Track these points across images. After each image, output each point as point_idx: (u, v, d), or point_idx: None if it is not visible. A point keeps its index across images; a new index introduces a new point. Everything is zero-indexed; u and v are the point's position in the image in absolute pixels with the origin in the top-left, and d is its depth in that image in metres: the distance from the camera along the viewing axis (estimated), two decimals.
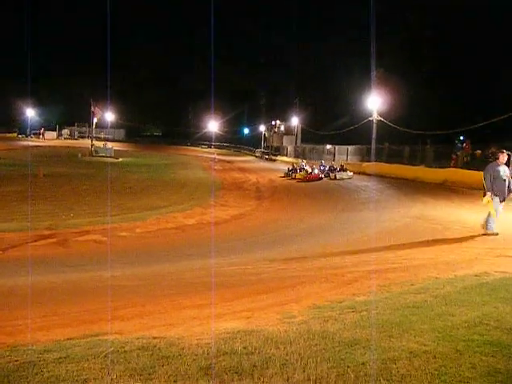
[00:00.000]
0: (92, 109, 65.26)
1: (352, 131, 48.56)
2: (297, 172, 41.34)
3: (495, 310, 7.01)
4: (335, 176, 39.35)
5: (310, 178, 38.87)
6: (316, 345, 5.71)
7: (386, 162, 40.69)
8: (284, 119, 74.03)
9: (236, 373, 4.92)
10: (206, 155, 67.22)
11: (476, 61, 53.57)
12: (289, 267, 12.28)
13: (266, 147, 75.99)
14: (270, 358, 5.32)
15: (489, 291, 8.16)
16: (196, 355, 5.37)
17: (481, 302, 7.52)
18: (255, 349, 5.56)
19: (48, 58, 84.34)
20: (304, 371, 4.98)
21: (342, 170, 40.42)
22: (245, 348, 5.56)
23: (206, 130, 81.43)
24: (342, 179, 38.32)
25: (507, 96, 39.91)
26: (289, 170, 42.99)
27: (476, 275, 9.44)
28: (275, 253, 14.61)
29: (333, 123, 57.26)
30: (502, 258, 11.52)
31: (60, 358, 5.26)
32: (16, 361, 5.22)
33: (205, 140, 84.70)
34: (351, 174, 39.71)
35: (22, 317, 7.27)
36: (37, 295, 9.37)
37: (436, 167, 35.94)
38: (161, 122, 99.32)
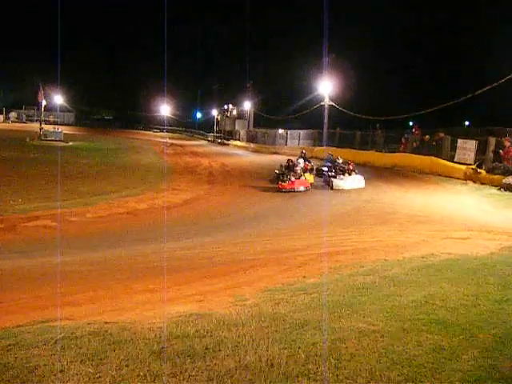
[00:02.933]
0: (39, 91, 63.46)
1: (305, 116, 48.87)
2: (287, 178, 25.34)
3: (441, 290, 7.25)
4: (332, 184, 25.65)
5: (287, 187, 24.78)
6: (267, 327, 5.79)
7: (338, 146, 41.20)
8: (237, 103, 73.86)
9: (188, 356, 4.95)
10: (158, 139, 66.54)
11: (426, 46, 54.60)
12: (241, 251, 12.36)
13: (219, 131, 75.74)
14: (222, 340, 5.37)
15: (435, 272, 8.42)
16: (148, 339, 5.37)
17: (427, 282, 7.76)
18: (207, 332, 5.60)
19: None
20: (256, 353, 5.05)
21: (346, 171, 26.53)
22: (197, 331, 5.59)
23: (158, 114, 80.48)
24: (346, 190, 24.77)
25: (454, 82, 40.87)
26: (279, 174, 26.67)
27: (423, 257, 9.72)
28: (227, 236, 14.66)
29: (285, 108, 57.49)
30: (448, 240, 11.89)
31: (9, 345, 5.18)
32: None
33: (157, 124, 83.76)
34: (361, 178, 26.14)
35: None
36: None
37: (386, 152, 36.63)
38: (112, 106, 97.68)
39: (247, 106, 69.25)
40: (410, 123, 44.24)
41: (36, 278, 9.61)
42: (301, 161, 28.30)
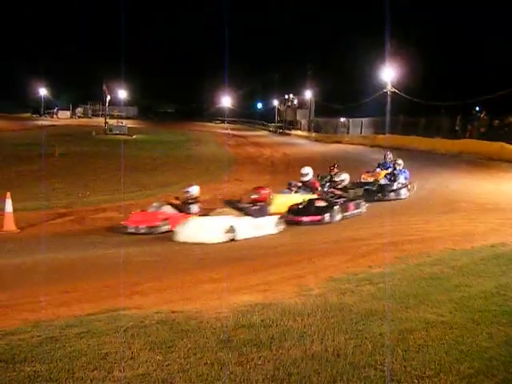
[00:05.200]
0: (104, 87, 65.18)
1: (367, 104, 48.16)
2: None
3: None
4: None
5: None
6: (333, 317, 5.76)
7: (401, 134, 40.36)
8: (297, 93, 73.52)
9: (254, 345, 4.98)
10: (219, 131, 67.10)
11: (493, 29, 52.73)
12: (305, 240, 12.33)
13: (280, 121, 75.64)
14: (287, 330, 5.38)
15: (506, 262, 8.14)
16: (214, 328, 5.44)
17: (498, 272, 7.52)
18: (273, 321, 5.62)
19: (61, 37, 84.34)
20: (322, 343, 5.03)
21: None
22: (262, 321, 5.62)
23: (219, 106, 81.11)
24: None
25: None
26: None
27: (492, 246, 9.41)
28: (290, 225, 14.64)
29: (347, 96, 56.74)
30: None
31: (81, 332, 5.37)
32: (39, 336, 5.33)
33: (218, 115, 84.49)
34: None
35: (43, 293, 7.40)
36: (56, 272, 9.51)
37: (452, 138, 35.60)
38: (174, 99, 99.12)
39: (308, 95, 68.83)
40: (477, 108, 42.82)
41: (105, 268, 9.89)
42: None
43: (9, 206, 13.40)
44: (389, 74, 42.37)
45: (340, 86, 62.51)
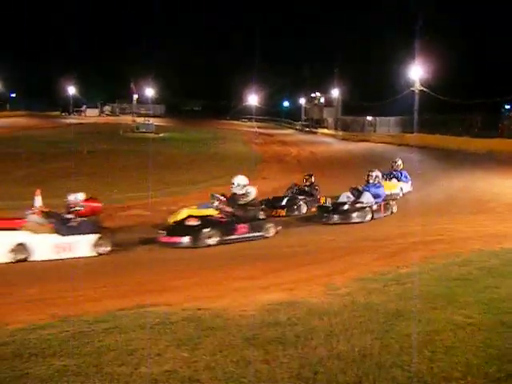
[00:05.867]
0: (131, 85, 65.72)
1: (394, 102, 47.71)
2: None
3: None
4: None
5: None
6: (360, 316, 5.73)
7: (429, 132, 39.92)
8: (324, 91, 73.21)
9: (280, 343, 4.99)
10: (246, 129, 67.16)
11: None
12: (334, 239, 12.29)
13: (306, 120, 75.43)
14: (313, 328, 5.37)
15: None
16: (240, 326, 5.46)
17: None
18: (299, 320, 5.62)
19: (88, 37, 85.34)
20: (348, 342, 5.01)
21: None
22: (288, 319, 5.63)
23: (245, 104, 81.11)
24: None
25: None
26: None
27: None
28: (318, 224, 14.61)
29: (374, 94, 56.30)
30: None
31: (109, 328, 5.44)
32: (68, 331, 5.42)
33: (245, 114, 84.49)
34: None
35: (75, 289, 7.52)
36: (87, 269, 9.67)
37: (481, 137, 35.08)
38: (200, 97, 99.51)
39: (335, 93, 68.50)
40: (507, 106, 42.15)
41: (136, 264, 10.00)
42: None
43: (39, 202, 13.55)
44: (417, 72, 41.91)
45: (367, 85, 62.02)
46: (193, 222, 11.93)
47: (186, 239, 11.66)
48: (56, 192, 19.65)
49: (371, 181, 15.43)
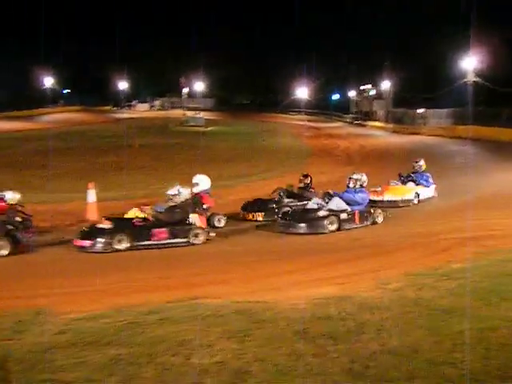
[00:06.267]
0: (181, 80, 66.32)
1: (446, 94, 46.66)
2: None
3: None
4: None
5: None
6: (411, 312, 5.67)
7: (483, 125, 38.88)
8: (374, 83, 72.27)
9: (331, 337, 4.98)
10: (294, 122, 66.96)
11: None
12: (384, 233, 12.16)
13: (356, 112, 74.64)
14: (364, 323, 5.35)
15: None
16: (291, 319, 5.48)
17: None
18: (349, 314, 5.60)
19: (139, 31, 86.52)
20: (399, 337, 4.97)
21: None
22: (339, 313, 5.62)
23: (294, 97, 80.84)
24: None
25: None
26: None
27: None
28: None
29: (426, 86, 55.20)
30: None
31: (161, 319, 5.56)
32: (121, 321, 5.57)
33: (293, 107, 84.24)
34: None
35: (126, 280, 7.71)
36: (145, 260, 9.86)
37: None
38: (250, 91, 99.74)
39: (385, 85, 67.50)
40: None
41: (182, 257, 10.13)
42: None
43: (92, 196, 13.89)
44: (470, 62, 40.88)
45: (418, 77, 60.83)
46: (104, 225, 10.92)
47: (88, 243, 10.62)
48: (108, 186, 20.14)
49: (351, 185, 13.37)
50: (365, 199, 13.25)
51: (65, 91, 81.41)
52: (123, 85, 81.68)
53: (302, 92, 74.90)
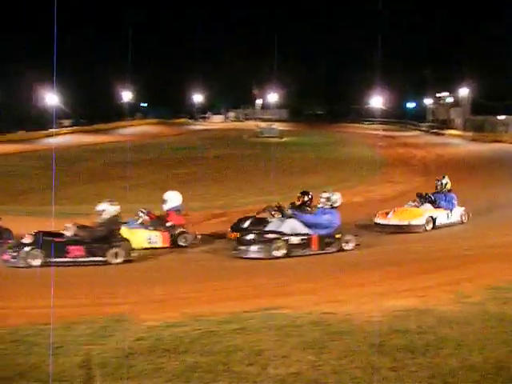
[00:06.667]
0: (254, 91, 66.97)
1: None
2: None
3: None
4: None
5: None
6: (493, 327, 5.47)
7: None
8: (451, 91, 70.47)
9: (409, 351, 4.87)
10: (368, 131, 66.14)
11: None
12: (458, 245, 11.80)
13: (432, 121, 72.96)
14: (444, 338, 5.20)
15: None
16: (367, 332, 5.40)
17: None
18: (429, 328, 5.46)
19: (213, 44, 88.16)
20: (481, 353, 4.80)
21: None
22: (418, 327, 5.49)
23: (368, 106, 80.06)
24: None
25: None
26: None
27: None
28: (443, 230, 14.08)
29: (506, 93, 53.28)
30: None
31: (238, 328, 5.61)
32: (198, 329, 5.66)
33: (367, 116, 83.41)
34: None
35: (197, 290, 7.85)
36: (208, 271, 10.00)
37: None
38: (323, 101, 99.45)
39: (463, 92, 65.66)
40: None
41: (249, 268, 10.17)
42: None
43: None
44: None
45: (498, 83, 58.78)
46: (25, 240, 10.47)
47: (7, 257, 10.31)
48: (183, 196, 20.58)
49: (320, 205, 11.90)
50: (332, 222, 11.51)
51: (142, 105, 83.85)
52: (198, 97, 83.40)
53: (376, 101, 74.09)
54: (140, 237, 12.01)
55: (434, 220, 13.84)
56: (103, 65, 63.56)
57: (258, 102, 79.48)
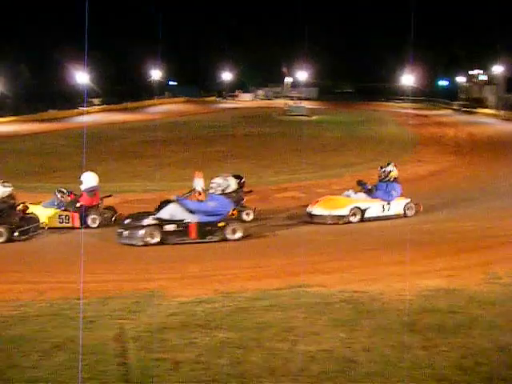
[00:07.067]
0: (283, 69, 66.43)
1: None
2: None
3: None
4: None
5: None
6: None
7: None
8: (484, 68, 68.99)
9: (440, 331, 4.88)
10: (399, 110, 65.26)
11: None
12: (492, 226, 11.65)
13: (464, 99, 71.66)
14: (475, 318, 5.18)
15: None
16: (398, 311, 5.41)
17: None
18: (459, 308, 5.45)
19: (241, 22, 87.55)
20: None
21: None
22: (449, 306, 5.48)
23: (398, 84, 78.90)
24: None
25: None
26: None
27: None
28: (477, 210, 13.92)
29: None
30: None
31: (269, 305, 5.67)
32: (229, 306, 5.74)
33: (398, 95, 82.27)
34: None
35: (233, 267, 7.91)
36: (246, 248, 10.06)
37: None
38: (353, 79, 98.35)
39: (497, 69, 64.24)
40: None
41: (288, 245, 10.21)
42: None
43: (200, 184, 14.04)
44: None
45: None
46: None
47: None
48: (213, 174, 20.66)
49: (211, 190, 11.22)
50: (218, 209, 10.63)
51: (170, 83, 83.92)
52: (227, 75, 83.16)
53: (408, 79, 72.97)
54: (52, 217, 12.19)
55: (362, 211, 12.37)
56: (133, 43, 63.74)
57: (288, 80, 78.83)
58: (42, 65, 55.07)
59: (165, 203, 11.03)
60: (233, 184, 11.29)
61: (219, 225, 10.43)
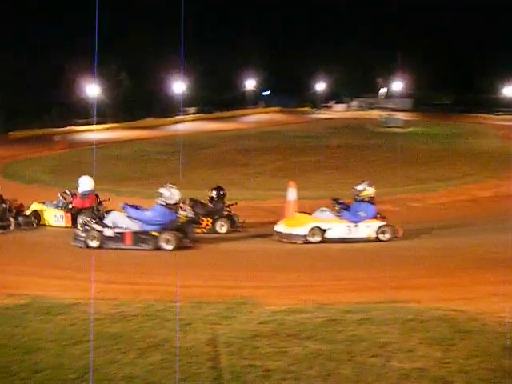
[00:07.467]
0: (378, 79, 65.46)
1: None
2: None
3: None
4: None
5: None
6: None
7: None
8: None
9: None
10: (500, 123, 62.58)
11: None
12: None
13: None
14: None
15: None
16: (498, 333, 5.18)
17: None
18: None
19: (334, 33, 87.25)
20: None
21: None
22: None
23: (502, 96, 75.71)
24: None
25: None
26: None
27: None
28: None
29: None
30: None
31: (361, 319, 5.59)
32: (321, 317, 5.71)
33: (499, 106, 78.89)
34: None
35: (315, 279, 7.88)
36: (323, 260, 9.98)
37: None
38: (451, 90, 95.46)
39: None
40: None
41: (367, 259, 10.00)
42: None
43: (293, 194, 13.89)
44: None
45: None
46: None
47: None
48: (306, 185, 20.66)
49: (158, 200, 11.18)
50: (156, 218, 10.89)
51: (265, 93, 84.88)
52: (321, 85, 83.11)
53: (509, 90, 69.88)
54: (49, 215, 13.25)
55: (323, 231, 11.49)
56: (228, 54, 65.23)
57: (382, 90, 77.68)
58: (142, 73, 57.31)
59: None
60: (176, 195, 11.26)
61: (153, 234, 10.84)
